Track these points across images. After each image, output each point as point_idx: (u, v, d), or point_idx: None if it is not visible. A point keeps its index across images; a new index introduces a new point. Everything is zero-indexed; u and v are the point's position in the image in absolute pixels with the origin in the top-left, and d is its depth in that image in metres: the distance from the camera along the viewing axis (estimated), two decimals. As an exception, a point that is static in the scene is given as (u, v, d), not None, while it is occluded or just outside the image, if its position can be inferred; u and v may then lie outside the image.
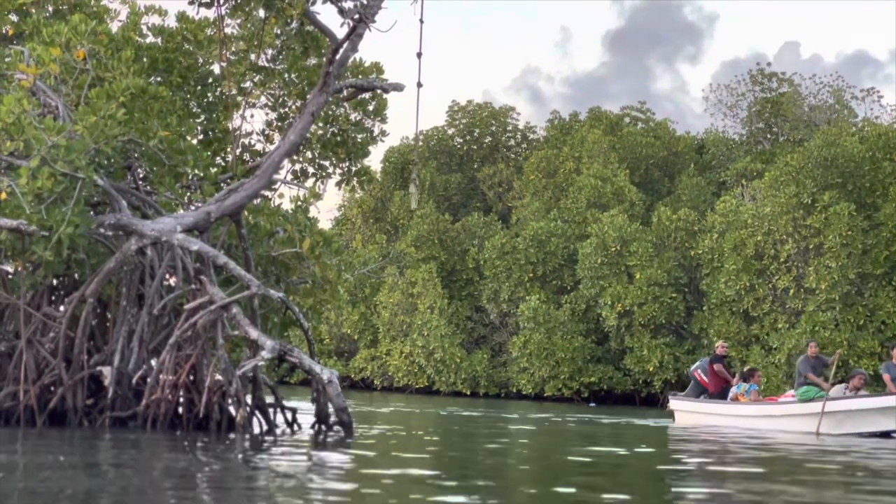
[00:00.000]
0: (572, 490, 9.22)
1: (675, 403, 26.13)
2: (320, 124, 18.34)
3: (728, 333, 39.82)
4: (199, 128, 18.10)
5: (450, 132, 56.33)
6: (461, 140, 56.39)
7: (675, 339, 42.16)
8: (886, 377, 22.41)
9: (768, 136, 54.54)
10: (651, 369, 41.63)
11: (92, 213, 14.86)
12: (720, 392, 24.97)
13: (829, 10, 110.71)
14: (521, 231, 46.82)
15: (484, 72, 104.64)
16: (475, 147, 56.07)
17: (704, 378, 25.23)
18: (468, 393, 45.94)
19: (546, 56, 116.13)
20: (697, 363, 26.45)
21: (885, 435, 20.93)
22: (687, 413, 25.21)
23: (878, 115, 54.53)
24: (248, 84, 18.21)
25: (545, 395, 43.46)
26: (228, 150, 18.25)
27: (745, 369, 25.24)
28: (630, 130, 51.77)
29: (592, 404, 41.10)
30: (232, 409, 14.62)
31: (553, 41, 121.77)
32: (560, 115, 55.85)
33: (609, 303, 42.14)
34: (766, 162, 46.39)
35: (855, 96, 55.60)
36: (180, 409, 14.82)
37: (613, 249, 42.68)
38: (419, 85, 17.90)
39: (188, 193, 16.66)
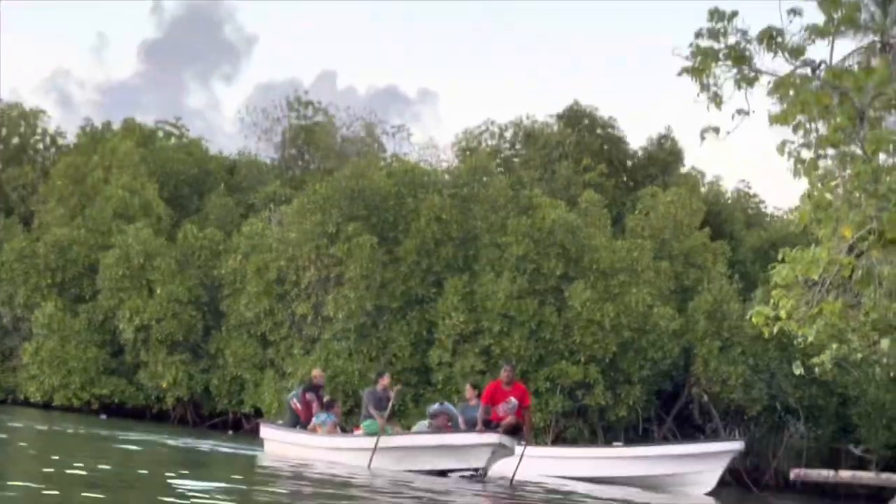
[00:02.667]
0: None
1: (265, 432, 25.91)
2: None
3: (245, 355, 40.18)
4: None
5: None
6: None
7: (191, 356, 42.05)
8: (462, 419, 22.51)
9: (300, 162, 55.49)
10: (165, 385, 41.38)
11: None
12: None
13: (364, 44, 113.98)
14: (43, 236, 45.48)
15: (11, 69, 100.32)
16: (0, 147, 53.96)
17: (299, 407, 25.04)
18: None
19: (79, 60, 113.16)
20: (293, 392, 26.26)
21: (442, 474, 20.83)
22: (274, 442, 25.04)
23: (406, 151, 56.56)
24: None
25: (54, 403, 42.31)
26: None
27: (326, 399, 25.16)
28: (162, 145, 51.37)
29: (103, 416, 40.36)
30: None
31: (87, 45, 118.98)
32: (92, 122, 54.62)
33: (127, 316, 41.60)
34: (296, 188, 47.14)
35: (386, 131, 57.52)
36: None
37: (136, 263, 42.18)
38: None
39: None
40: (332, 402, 24.95)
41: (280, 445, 24.65)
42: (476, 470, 20.62)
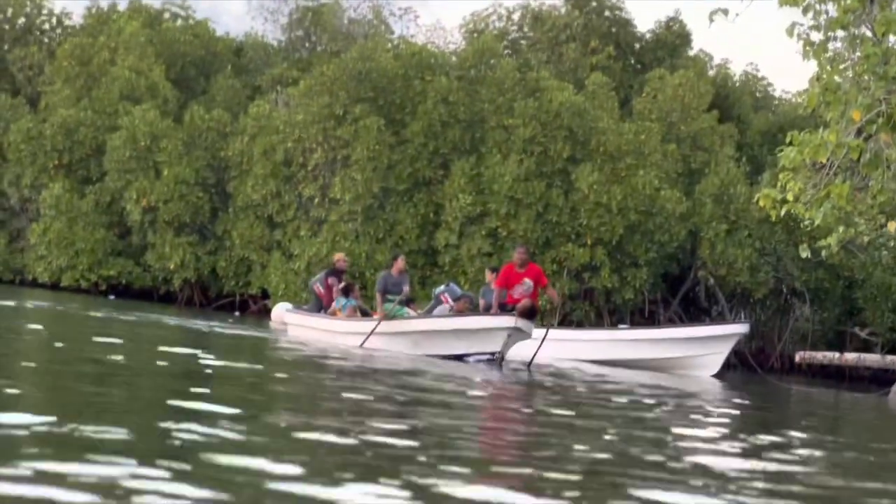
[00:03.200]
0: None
1: (287, 316, 25.92)
2: None
3: (251, 237, 40.30)
4: None
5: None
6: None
7: (198, 238, 42.21)
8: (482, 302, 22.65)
9: (307, 44, 55.14)
10: (172, 267, 41.58)
11: None
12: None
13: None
14: (50, 117, 45.44)
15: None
16: (6, 27, 53.65)
17: (322, 291, 24.99)
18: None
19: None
20: (316, 276, 26.18)
21: (459, 358, 20.66)
22: (295, 326, 25.09)
23: (413, 33, 56.25)
24: None
25: (62, 284, 42.60)
26: None
27: (342, 285, 24.96)
28: (169, 26, 51.04)
29: (112, 297, 40.68)
30: None
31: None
32: (99, 3, 54.27)
33: (134, 197, 41.70)
34: (303, 70, 46.95)
35: (393, 13, 57.06)
36: None
37: (143, 144, 42.16)
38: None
39: None
40: (349, 287, 24.82)
41: (300, 329, 24.74)
42: (493, 354, 20.62)
